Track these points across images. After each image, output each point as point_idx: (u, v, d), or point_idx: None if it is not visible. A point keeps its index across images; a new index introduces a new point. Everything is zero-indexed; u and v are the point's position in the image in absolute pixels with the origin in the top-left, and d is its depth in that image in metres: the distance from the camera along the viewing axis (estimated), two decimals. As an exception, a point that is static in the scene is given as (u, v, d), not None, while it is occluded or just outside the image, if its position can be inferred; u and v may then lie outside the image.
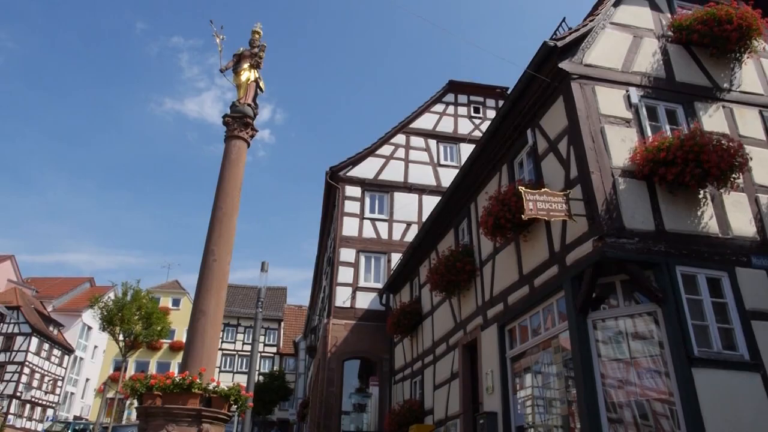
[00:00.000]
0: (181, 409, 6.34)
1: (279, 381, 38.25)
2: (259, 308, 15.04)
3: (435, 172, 20.73)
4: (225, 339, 46.95)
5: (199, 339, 7.17)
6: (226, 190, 8.13)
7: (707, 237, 7.34)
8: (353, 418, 17.35)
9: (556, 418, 7.87)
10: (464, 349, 11.18)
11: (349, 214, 19.28)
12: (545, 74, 8.33)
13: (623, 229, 7.04)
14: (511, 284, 9.29)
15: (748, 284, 7.14)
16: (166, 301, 45.46)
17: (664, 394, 6.55)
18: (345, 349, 17.48)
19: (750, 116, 8.64)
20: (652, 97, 8.31)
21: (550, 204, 7.31)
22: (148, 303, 27.08)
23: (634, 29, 8.92)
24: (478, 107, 22.47)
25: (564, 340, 7.71)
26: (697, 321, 6.74)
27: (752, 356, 6.67)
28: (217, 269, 7.59)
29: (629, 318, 7.10)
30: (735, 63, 8.97)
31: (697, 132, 7.28)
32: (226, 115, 8.69)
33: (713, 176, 7.09)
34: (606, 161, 7.47)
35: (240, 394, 6.90)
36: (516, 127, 9.47)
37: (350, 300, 18.10)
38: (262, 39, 9.36)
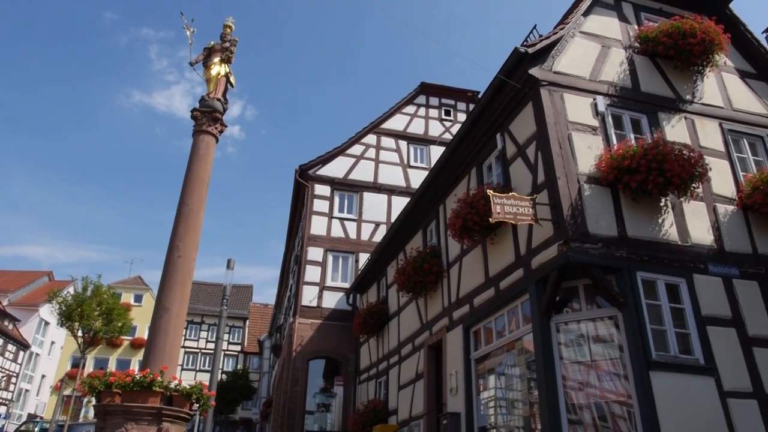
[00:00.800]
0: (140, 408, 6.21)
1: (242, 380, 37.86)
2: (224, 306, 14.84)
3: (405, 173, 20.80)
4: (188, 337, 46.20)
5: (162, 336, 7.03)
6: (193, 185, 7.99)
7: (667, 244, 7.55)
8: (317, 417, 17.27)
9: (518, 419, 7.98)
10: (429, 349, 11.24)
11: (317, 213, 19.19)
12: (515, 80, 8.44)
13: (587, 234, 7.18)
14: (477, 286, 9.38)
15: (704, 291, 7.37)
16: (128, 297, 44.41)
17: (622, 396, 6.71)
18: (310, 349, 17.39)
19: (710, 128, 8.92)
20: (618, 106, 8.51)
21: (517, 208, 7.40)
22: (109, 298, 26.38)
23: (603, 39, 9.11)
24: (449, 110, 22.64)
25: (527, 343, 7.82)
26: (655, 326, 6.92)
27: (707, 360, 6.89)
28: (182, 265, 7.46)
29: (591, 322, 7.25)
30: (697, 76, 9.25)
31: (660, 141, 7.48)
32: (194, 109, 8.54)
33: (674, 185, 7.30)
34: (572, 167, 7.62)
35: (202, 393, 6.80)
36: (486, 131, 9.57)
37: (317, 299, 18.02)
38: (233, 34, 9.24)
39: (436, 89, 22.66)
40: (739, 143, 9.07)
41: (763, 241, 8.16)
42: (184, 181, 8.08)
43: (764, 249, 8.10)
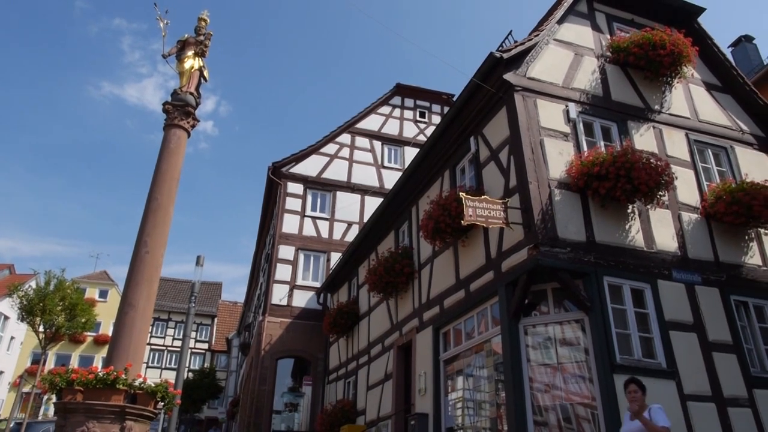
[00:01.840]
0: (103, 406, 6.07)
1: (209, 378, 37.33)
2: (192, 303, 14.62)
3: (378, 174, 20.81)
4: (154, 334, 45.32)
5: (127, 333, 6.89)
6: (163, 180, 7.85)
7: (633, 250, 7.72)
8: (284, 417, 17.14)
9: (485, 420, 8.06)
10: (399, 350, 11.27)
11: (290, 211, 19.07)
12: (490, 84, 8.53)
13: (557, 238, 7.29)
14: (447, 288, 9.44)
15: (668, 296, 7.56)
16: (92, 292, 43.38)
17: (587, 398, 6.83)
18: (279, 348, 17.26)
19: (677, 137, 9.15)
20: (590, 113, 8.66)
21: (489, 211, 7.48)
22: (72, 293, 25.75)
23: (576, 47, 9.27)
24: (424, 112, 22.73)
25: (496, 345, 7.91)
26: (620, 329, 7.07)
27: (669, 364, 7.07)
28: (150, 261, 7.33)
29: (558, 325, 7.37)
30: (666, 86, 9.48)
31: (629, 150, 7.65)
32: (166, 102, 8.39)
33: (642, 192, 7.47)
34: (544, 172, 7.73)
35: (167, 391, 6.68)
36: (460, 134, 9.64)
37: (287, 298, 17.89)
38: (208, 27, 9.12)
39: (411, 91, 22.74)
40: (704, 153, 9.33)
41: (725, 249, 8.41)
42: (153, 175, 7.93)
43: (725, 257, 8.35)
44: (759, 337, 8.04)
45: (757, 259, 8.58)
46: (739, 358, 7.57)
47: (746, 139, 9.82)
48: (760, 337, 8.05)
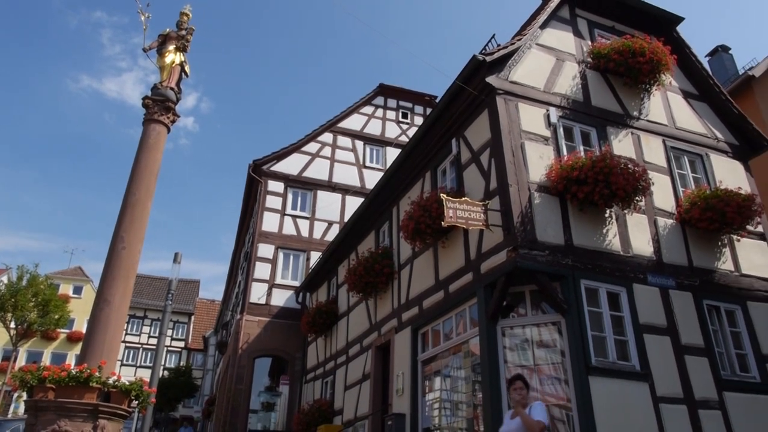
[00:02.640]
0: (75, 404, 5.97)
1: (185, 377, 36.96)
2: (168, 300, 14.45)
3: (360, 174, 20.80)
4: (129, 331, 44.73)
5: (101, 330, 6.78)
6: (142, 175, 7.75)
7: (610, 254, 7.83)
8: (261, 416, 17.04)
9: (462, 420, 8.10)
10: (377, 350, 11.27)
11: (270, 210, 18.95)
12: (473, 87, 8.57)
13: (536, 241, 7.37)
14: (427, 289, 9.47)
15: (643, 300, 7.68)
16: (66, 288, 42.64)
17: (562, 399, 6.91)
18: (257, 347, 17.15)
19: (654, 144, 9.30)
20: (570, 118, 8.76)
21: (469, 213, 7.52)
22: (46, 289, 25.34)
23: (558, 52, 9.37)
24: (406, 113, 22.78)
25: (474, 346, 7.95)
26: (596, 332, 7.16)
27: (642, 367, 7.18)
28: (126, 257, 7.22)
29: (535, 327, 7.44)
30: (645, 93, 9.63)
31: (608, 155, 7.76)
32: (146, 97, 8.28)
33: (619, 197, 7.58)
34: (524, 176, 7.80)
35: (142, 390, 6.59)
36: (442, 135, 9.68)
37: (266, 297, 17.78)
38: (190, 22, 9.02)
39: (394, 91, 22.77)
40: (680, 160, 9.50)
41: (698, 254, 8.57)
42: (131, 170, 7.83)
43: (699, 262, 8.52)
44: (730, 341, 8.21)
45: (730, 265, 8.76)
46: (710, 362, 7.72)
47: (721, 147, 10.02)
48: (731, 340, 8.23)
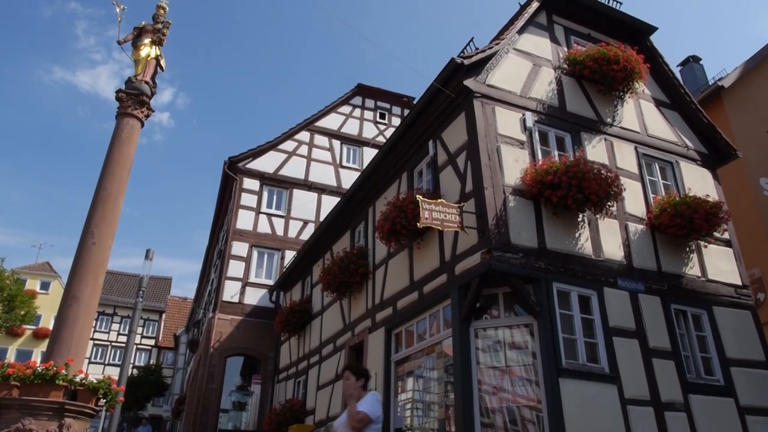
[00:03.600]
0: (41, 402, 5.84)
1: (155, 375, 36.36)
2: (139, 297, 14.22)
3: (336, 173, 20.74)
4: (98, 328, 43.86)
5: (69, 327, 6.64)
6: (114, 170, 7.62)
7: (582, 258, 7.95)
8: (232, 416, 16.87)
9: (434, 421, 8.14)
10: (351, 350, 11.26)
11: (245, 207, 18.77)
12: (450, 89, 8.62)
13: (510, 244, 7.44)
14: (401, 289, 9.49)
15: (613, 303, 7.82)
16: (33, 283, 41.61)
17: (533, 401, 6.99)
18: (229, 345, 16.97)
19: (627, 150, 9.48)
20: (545, 123, 8.87)
21: (444, 215, 7.56)
22: (11, 284, 24.70)
23: (534, 58, 9.48)
24: (384, 113, 22.80)
25: (447, 347, 7.99)
26: (567, 334, 7.27)
27: (611, 369, 7.30)
28: (96, 253, 7.09)
29: (508, 329, 7.51)
30: (618, 101, 9.80)
31: (581, 160, 7.88)
32: (120, 90, 8.13)
33: (592, 202, 7.70)
34: (499, 179, 7.87)
35: (110, 388, 6.48)
36: (419, 137, 9.71)
37: (239, 295, 17.61)
38: (167, 16, 8.90)
39: (372, 91, 22.77)
40: (651, 167, 9.69)
41: (667, 260, 8.76)
42: (103, 164, 7.69)
43: (667, 267, 8.70)
44: (695, 345, 8.41)
45: (697, 270, 8.97)
46: (676, 365, 7.90)
47: (691, 155, 10.26)
48: (697, 344, 8.43)
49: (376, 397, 4.60)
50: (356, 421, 4.30)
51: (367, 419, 4.31)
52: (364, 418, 4.30)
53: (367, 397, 4.53)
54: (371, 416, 4.35)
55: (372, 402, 4.50)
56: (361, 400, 4.51)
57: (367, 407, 4.40)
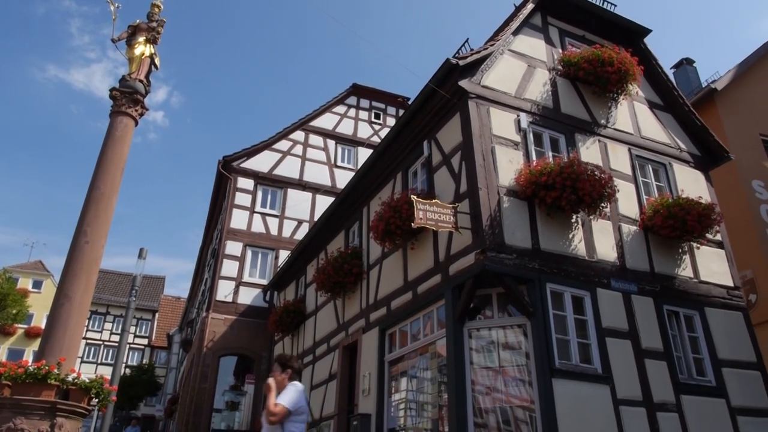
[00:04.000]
0: (32, 402, 5.80)
1: (148, 375, 36.26)
2: (132, 296, 14.16)
3: (331, 173, 20.73)
4: (91, 327, 43.66)
5: (61, 326, 6.61)
6: (107, 168, 7.58)
7: (575, 258, 7.98)
8: (225, 416, 16.83)
9: (427, 421, 8.15)
10: (344, 350, 11.26)
11: (239, 207, 18.74)
12: (445, 90, 8.63)
13: (504, 244, 7.46)
14: (395, 290, 9.50)
15: (606, 304, 7.85)
16: (26, 282, 41.36)
17: (526, 401, 7.01)
18: (222, 345, 16.93)
19: (620, 152, 9.52)
20: (540, 124, 8.90)
21: (439, 215, 7.57)
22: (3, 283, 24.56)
23: (529, 59, 9.50)
24: (379, 113, 22.80)
25: (440, 347, 8.01)
26: (560, 335, 7.29)
27: (604, 370, 7.33)
28: (89, 252, 7.05)
29: (501, 329, 7.53)
30: (612, 102, 9.84)
31: (575, 161, 7.90)
32: (114, 88, 8.09)
33: (585, 203, 7.73)
34: (494, 179, 7.89)
35: (102, 387, 6.45)
36: (414, 137, 9.72)
37: (233, 294, 17.58)
38: (162, 14, 8.87)
39: (367, 91, 22.76)
40: (644, 168, 9.74)
41: (660, 261, 8.80)
42: (97, 163, 7.65)
43: (660, 268, 8.74)
44: (687, 346, 8.46)
45: (689, 272, 9.02)
46: (668, 365, 7.94)
47: (684, 157, 10.31)
48: (689, 345, 8.47)
49: (298, 388, 4.52)
50: (270, 414, 4.25)
51: (284, 412, 4.26)
52: (281, 411, 4.25)
53: (288, 389, 4.47)
54: (290, 408, 4.29)
55: (292, 394, 4.43)
56: (282, 392, 4.44)
57: (286, 399, 4.34)
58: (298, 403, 4.39)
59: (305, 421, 4.47)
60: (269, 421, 4.28)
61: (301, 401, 4.44)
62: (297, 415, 4.36)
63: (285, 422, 4.31)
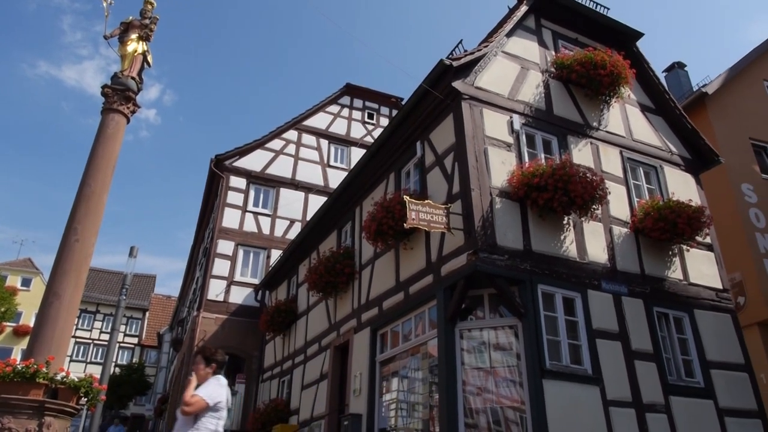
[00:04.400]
0: (20, 400, 5.75)
1: (138, 374, 36.02)
2: (122, 295, 14.09)
3: (324, 172, 20.71)
4: (80, 326, 43.35)
5: (50, 324, 6.55)
6: (98, 166, 7.53)
7: (567, 260, 8.01)
8: (215, 415, 16.73)
9: (418, 421, 8.15)
10: (336, 350, 11.25)
11: (231, 206, 18.67)
12: (439, 91, 8.65)
13: (496, 245, 7.48)
14: (387, 290, 9.50)
15: (597, 306, 7.89)
16: (14, 280, 41.03)
17: (516, 402, 7.03)
18: (213, 344, 16.59)
19: (612, 154, 9.57)
20: (532, 126, 8.93)
21: (431, 216, 7.58)
22: (-9, 281, 24.34)
23: (522, 61, 9.54)
24: (372, 113, 22.80)
25: (432, 348, 8.01)
26: (551, 336, 7.32)
27: (594, 371, 7.37)
28: (79, 250, 7.00)
29: (493, 330, 7.55)
30: (604, 105, 9.90)
31: (568, 163, 7.94)
32: (105, 85, 8.04)
33: (577, 205, 7.77)
34: (486, 180, 7.91)
35: (92, 387, 6.40)
36: (407, 137, 9.73)
37: (224, 294, 17.51)
38: (155, 12, 8.82)
39: (360, 91, 22.76)
40: (636, 171, 9.80)
41: (650, 263, 8.86)
42: (88, 160, 7.60)
43: (650, 270, 8.80)
44: (677, 347, 8.52)
45: (679, 274, 9.08)
46: (658, 367, 7.99)
47: (674, 160, 10.38)
48: (678, 347, 8.53)
49: (220, 383, 4.37)
50: (185, 404, 4.11)
51: (200, 403, 4.12)
52: (197, 402, 4.12)
53: (209, 382, 4.34)
54: (208, 401, 4.14)
55: (213, 387, 4.28)
56: (203, 385, 4.31)
57: (205, 392, 4.20)
58: (217, 397, 4.23)
59: (223, 418, 4.28)
60: (182, 411, 4.13)
61: (220, 396, 4.27)
62: (214, 411, 4.20)
63: (201, 416, 4.14)
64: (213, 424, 4.18)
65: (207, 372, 4.44)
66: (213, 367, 4.48)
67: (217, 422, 4.21)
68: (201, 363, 4.48)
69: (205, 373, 4.44)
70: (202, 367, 4.46)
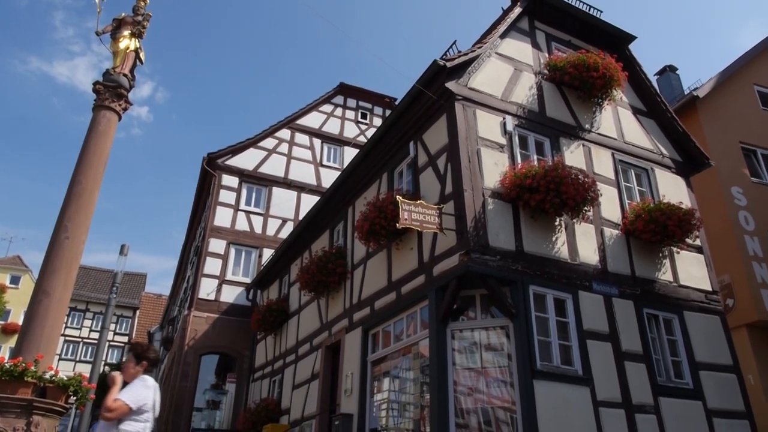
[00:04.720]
0: (8, 399, 5.72)
1: (127, 373, 35.84)
2: (113, 293, 13.98)
3: (317, 172, 20.67)
4: (70, 324, 43.04)
5: (39, 322, 6.51)
6: (89, 163, 7.49)
7: (558, 261, 8.05)
8: (205, 415, 16.69)
9: (409, 421, 8.16)
10: (327, 350, 11.23)
11: (223, 204, 18.60)
12: (432, 91, 8.66)
13: (488, 246, 7.50)
14: (379, 290, 9.50)
15: (587, 307, 7.93)
16: (3, 277, 40.73)
17: (507, 402, 7.05)
18: (204, 343, 16.80)
19: (604, 156, 9.62)
20: (525, 127, 8.96)
21: (424, 216, 7.59)
22: (-20, 278, 24.10)
23: (516, 62, 9.57)
24: (365, 113, 22.79)
25: (423, 348, 8.03)
26: (542, 337, 7.35)
27: (585, 371, 7.41)
28: (69, 247, 6.96)
29: (484, 330, 7.57)
30: (597, 107, 9.95)
31: (560, 165, 7.97)
32: (97, 82, 8.00)
33: (569, 207, 7.80)
34: (479, 181, 7.93)
35: (81, 385, 6.37)
36: (400, 137, 9.73)
37: (215, 293, 17.44)
38: (147, 8, 8.78)
39: (354, 91, 22.74)
40: (627, 173, 9.85)
41: (641, 265, 8.91)
42: (79, 157, 7.56)
43: (641, 272, 8.86)
44: (666, 349, 8.58)
45: (669, 276, 9.14)
46: (647, 368, 8.04)
47: (665, 163, 10.45)
48: (668, 348, 8.59)
49: (146, 384, 4.09)
50: (107, 410, 3.83)
51: (123, 408, 3.85)
52: (120, 407, 3.85)
53: (134, 383, 4.07)
54: (131, 405, 3.88)
55: (138, 390, 4.01)
56: (128, 386, 4.04)
57: (128, 395, 3.94)
58: (141, 400, 3.96)
59: (148, 421, 4.03)
60: (104, 417, 3.87)
61: (145, 399, 4.00)
62: (137, 414, 3.94)
63: (124, 419, 3.88)
64: (133, 428, 3.92)
65: (137, 371, 4.17)
66: (144, 365, 4.21)
67: (143, 425, 3.98)
68: (131, 361, 4.20)
69: (134, 371, 4.17)
70: (131, 365, 4.18)
